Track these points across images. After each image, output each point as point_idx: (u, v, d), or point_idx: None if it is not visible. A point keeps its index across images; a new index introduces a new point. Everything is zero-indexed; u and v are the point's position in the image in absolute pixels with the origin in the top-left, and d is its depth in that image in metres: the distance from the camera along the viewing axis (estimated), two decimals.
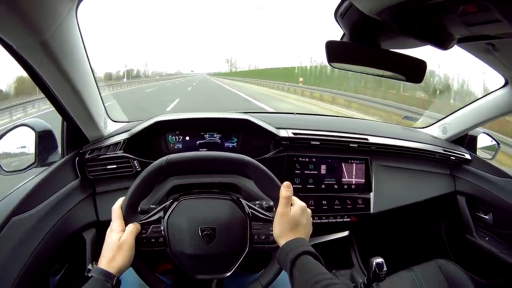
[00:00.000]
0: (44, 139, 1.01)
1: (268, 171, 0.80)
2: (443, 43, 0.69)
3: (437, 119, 1.64)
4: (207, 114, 1.30)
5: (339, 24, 0.75)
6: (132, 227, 0.73)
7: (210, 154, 0.85)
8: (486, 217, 1.44)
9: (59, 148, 1.08)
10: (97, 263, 0.70)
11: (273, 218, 0.76)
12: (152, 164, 0.78)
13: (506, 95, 1.27)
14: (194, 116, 1.27)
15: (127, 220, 0.74)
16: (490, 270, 1.42)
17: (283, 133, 1.28)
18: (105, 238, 0.73)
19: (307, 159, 1.30)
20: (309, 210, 0.78)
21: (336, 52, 0.74)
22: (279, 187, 0.76)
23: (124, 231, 0.73)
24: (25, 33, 0.63)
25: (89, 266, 0.69)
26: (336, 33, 0.80)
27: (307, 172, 1.30)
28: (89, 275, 0.66)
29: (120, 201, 0.77)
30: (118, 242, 0.70)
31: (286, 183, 0.76)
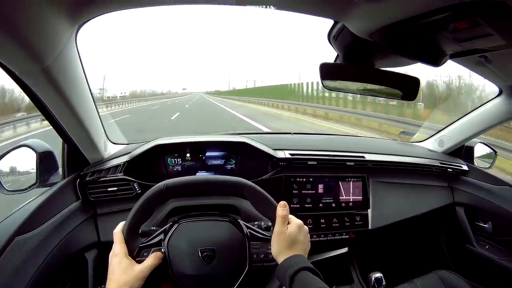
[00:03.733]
0: (45, 160, 1.02)
1: (264, 192, 0.81)
2: (435, 60, 0.71)
3: (435, 130, 1.66)
4: (205, 137, 1.32)
5: (332, 46, 0.77)
6: (153, 259, 0.74)
7: (207, 178, 0.88)
8: (486, 225, 1.45)
9: (60, 169, 1.09)
10: (105, 285, 0.70)
11: (271, 237, 0.77)
12: (150, 189, 0.79)
13: (501, 104, 1.29)
14: (192, 139, 1.29)
15: (129, 243, 0.75)
16: (491, 278, 1.42)
17: (280, 154, 1.29)
18: (110, 262, 0.74)
19: (304, 179, 1.31)
20: (306, 228, 0.79)
21: (330, 73, 0.75)
22: (276, 207, 0.77)
23: (127, 254, 0.73)
24: (27, 60, 0.65)
25: None
26: (330, 55, 0.81)
27: (304, 192, 1.31)
28: None
29: (121, 225, 0.77)
30: (129, 266, 0.71)
31: (282, 202, 0.77)
